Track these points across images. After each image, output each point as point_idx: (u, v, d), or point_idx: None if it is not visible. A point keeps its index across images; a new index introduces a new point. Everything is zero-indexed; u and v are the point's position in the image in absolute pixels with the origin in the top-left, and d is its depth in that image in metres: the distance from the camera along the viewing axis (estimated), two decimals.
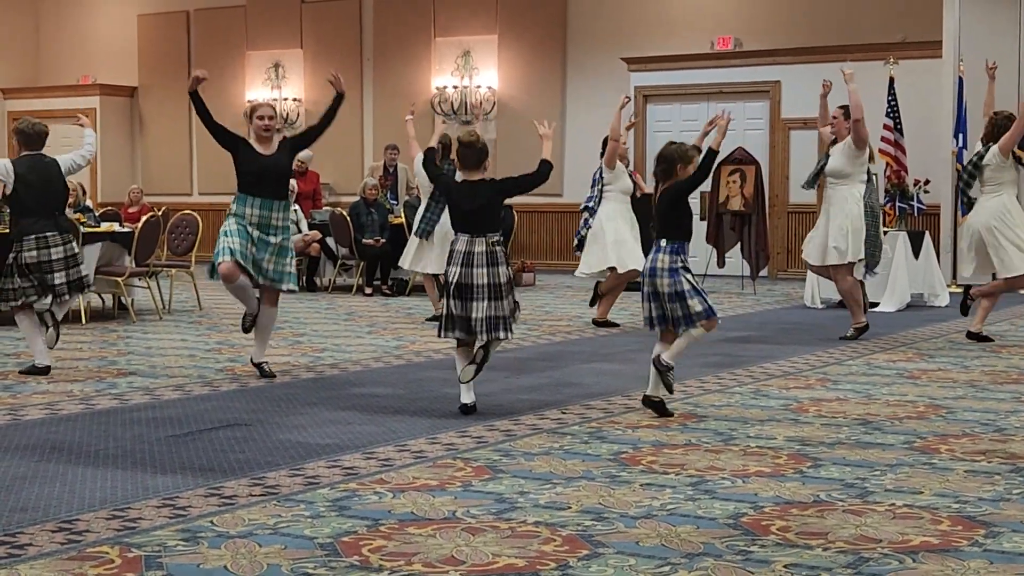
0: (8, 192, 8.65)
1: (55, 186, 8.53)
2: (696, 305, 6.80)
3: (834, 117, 10.45)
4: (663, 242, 6.89)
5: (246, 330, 8.45)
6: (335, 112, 8.38)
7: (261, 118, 8.13)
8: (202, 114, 8.17)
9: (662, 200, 6.95)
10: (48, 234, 8.38)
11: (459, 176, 7.26)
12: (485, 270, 6.93)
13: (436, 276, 11.75)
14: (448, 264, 7.06)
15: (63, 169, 8.61)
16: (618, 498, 5.00)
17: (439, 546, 4.31)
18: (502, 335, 6.95)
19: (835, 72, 11.00)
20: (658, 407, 6.90)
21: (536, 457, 5.80)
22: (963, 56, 15.48)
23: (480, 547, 4.30)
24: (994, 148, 10.07)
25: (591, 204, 11.74)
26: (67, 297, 8.63)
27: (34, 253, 8.35)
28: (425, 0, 20.25)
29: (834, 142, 10.45)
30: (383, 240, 15.09)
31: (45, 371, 8.40)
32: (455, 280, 6.97)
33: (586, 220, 11.74)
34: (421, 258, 11.96)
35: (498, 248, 7.02)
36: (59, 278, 8.42)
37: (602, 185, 11.61)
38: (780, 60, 17.56)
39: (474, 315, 6.90)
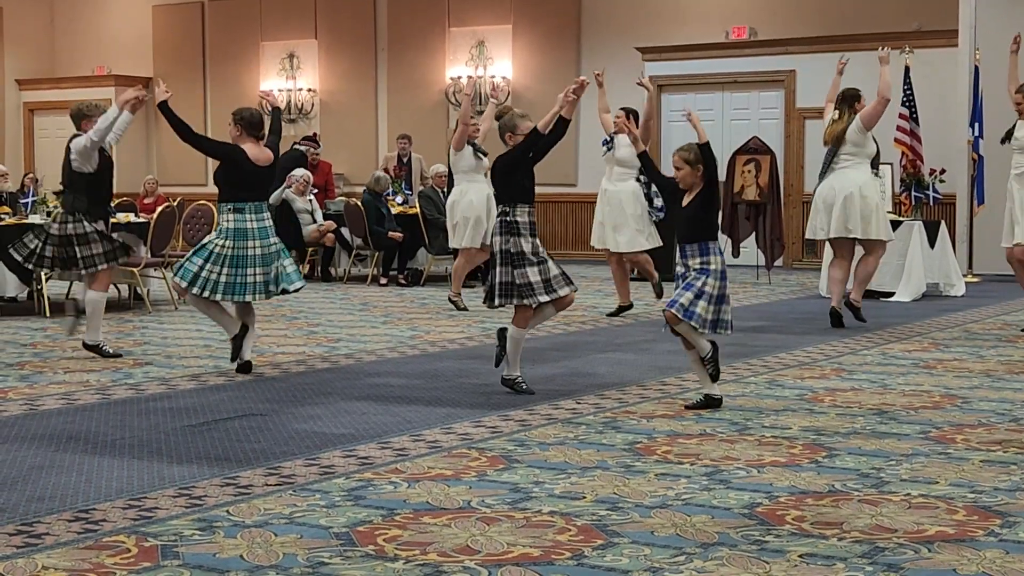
0: None
1: (63, 166, 8.77)
2: None
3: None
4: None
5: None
6: (169, 120, 8.05)
7: None
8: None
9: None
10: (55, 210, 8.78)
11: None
12: (496, 238, 7.20)
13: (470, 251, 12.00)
14: None
15: (72, 147, 8.68)
16: (633, 488, 5.00)
17: (454, 536, 4.32)
18: (499, 302, 7.14)
19: (849, 62, 10.99)
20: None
21: (551, 447, 5.81)
22: (979, 45, 15.42)
23: (495, 537, 4.31)
24: None
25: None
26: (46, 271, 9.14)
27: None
28: None
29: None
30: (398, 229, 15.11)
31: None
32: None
33: None
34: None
35: (504, 219, 7.16)
36: (48, 251, 8.76)
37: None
38: (795, 49, 17.49)
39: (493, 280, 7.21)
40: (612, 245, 11.28)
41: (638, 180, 11.22)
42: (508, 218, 7.15)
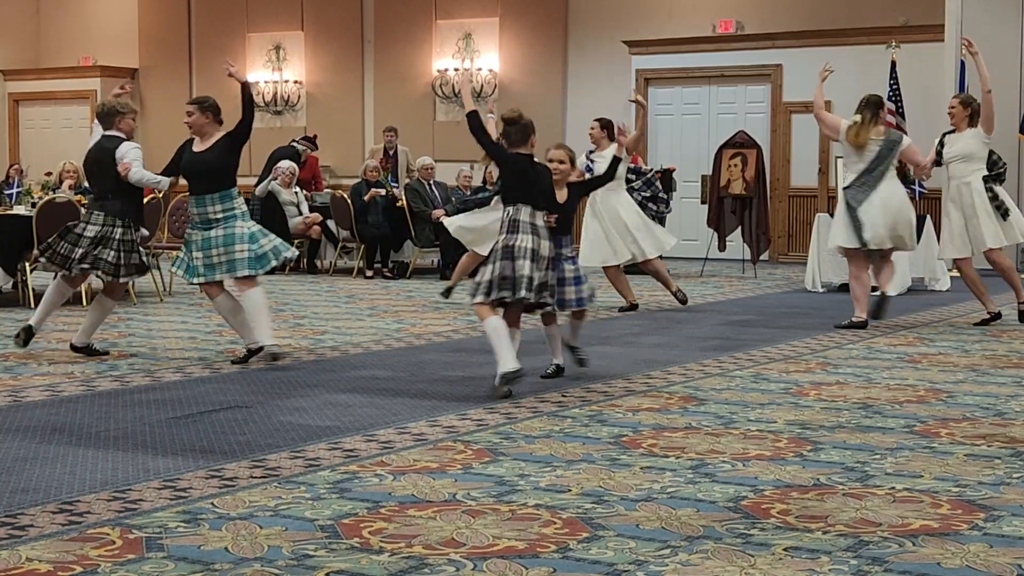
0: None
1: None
2: None
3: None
4: None
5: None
6: (249, 102, 8.54)
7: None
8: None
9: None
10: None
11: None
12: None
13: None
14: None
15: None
16: (618, 481, 5.01)
17: (439, 528, 4.32)
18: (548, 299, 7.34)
19: (835, 56, 11.01)
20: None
21: (537, 440, 5.81)
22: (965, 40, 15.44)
23: (480, 529, 4.31)
24: None
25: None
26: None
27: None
28: None
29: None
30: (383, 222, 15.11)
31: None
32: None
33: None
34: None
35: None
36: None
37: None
38: (782, 43, 17.52)
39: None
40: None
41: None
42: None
